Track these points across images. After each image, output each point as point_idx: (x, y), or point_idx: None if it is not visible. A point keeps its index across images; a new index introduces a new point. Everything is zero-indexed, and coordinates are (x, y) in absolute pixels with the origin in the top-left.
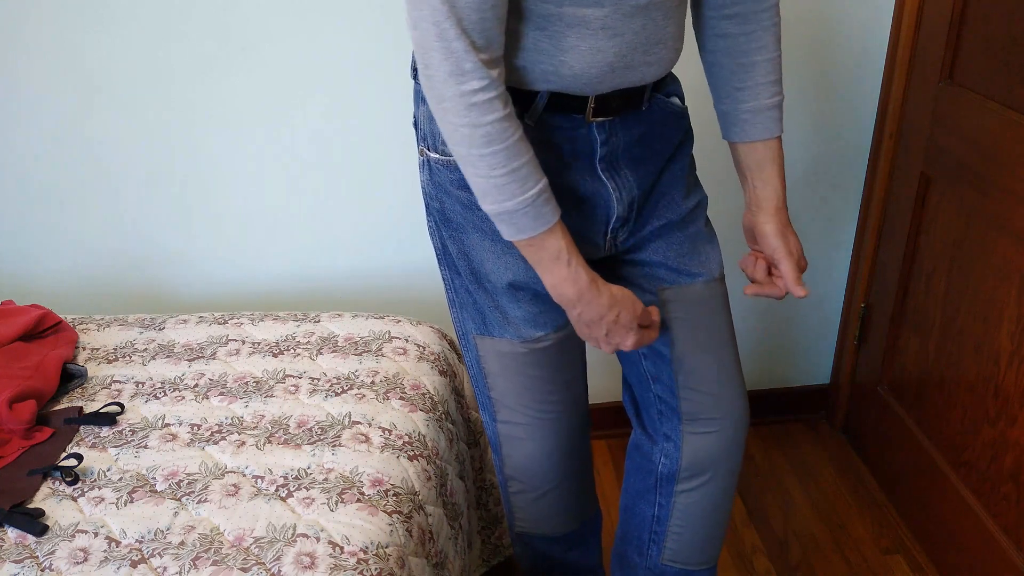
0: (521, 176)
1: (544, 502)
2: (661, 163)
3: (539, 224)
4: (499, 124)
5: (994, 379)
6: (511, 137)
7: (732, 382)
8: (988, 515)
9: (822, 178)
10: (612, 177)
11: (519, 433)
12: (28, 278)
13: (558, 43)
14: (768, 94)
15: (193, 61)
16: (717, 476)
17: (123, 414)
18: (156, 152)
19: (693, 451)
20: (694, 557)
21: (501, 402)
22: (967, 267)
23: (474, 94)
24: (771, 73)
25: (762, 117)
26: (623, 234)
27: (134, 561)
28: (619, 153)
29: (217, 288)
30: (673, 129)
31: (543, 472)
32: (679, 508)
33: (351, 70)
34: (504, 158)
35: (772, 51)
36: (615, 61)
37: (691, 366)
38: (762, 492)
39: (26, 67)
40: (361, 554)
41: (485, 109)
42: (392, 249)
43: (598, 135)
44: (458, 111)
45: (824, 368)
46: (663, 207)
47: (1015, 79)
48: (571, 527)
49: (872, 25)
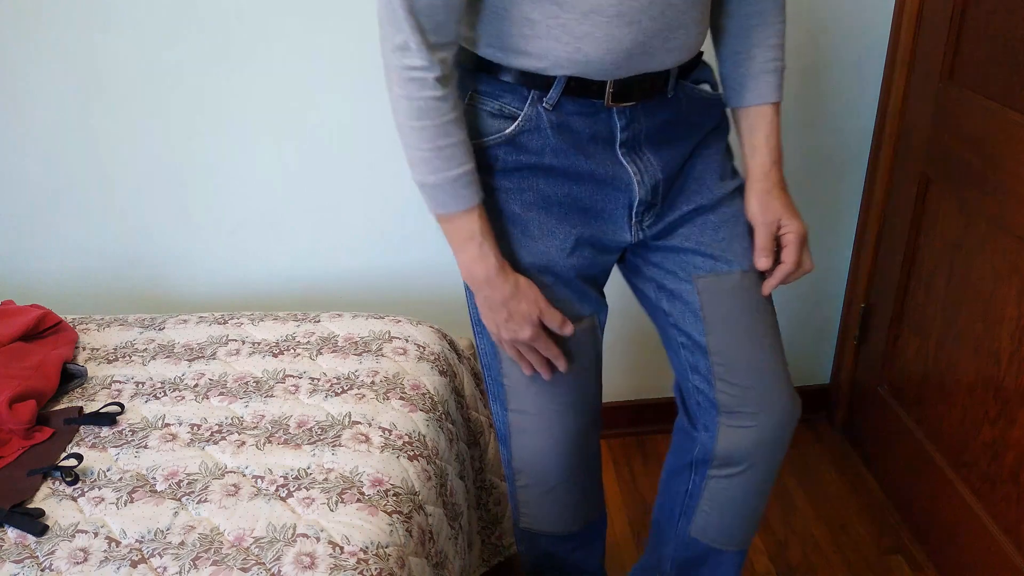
0: (446, 155)
1: (550, 498)
2: (688, 148)
3: (456, 204)
4: (432, 102)
5: (994, 379)
6: (442, 117)
7: (773, 376)
8: (988, 515)
9: (822, 178)
10: (634, 161)
11: (529, 424)
12: (28, 278)
13: (574, 30)
14: (764, 58)
15: (194, 61)
16: (751, 470)
17: (123, 414)
18: (156, 152)
19: (728, 444)
20: (721, 537)
21: (513, 390)
22: (967, 267)
23: (413, 70)
24: (770, 38)
25: (757, 82)
26: (649, 219)
27: (134, 561)
28: (641, 138)
29: (217, 288)
30: (702, 116)
31: (550, 466)
32: (709, 490)
33: (351, 70)
34: (432, 135)
35: (772, 16)
36: (632, 48)
37: (728, 358)
38: None
39: (27, 67)
40: (361, 554)
41: (421, 85)
42: (392, 249)
43: (618, 120)
44: (399, 82)
45: (824, 368)
46: (693, 191)
47: (1015, 79)
48: (576, 527)
49: (872, 25)
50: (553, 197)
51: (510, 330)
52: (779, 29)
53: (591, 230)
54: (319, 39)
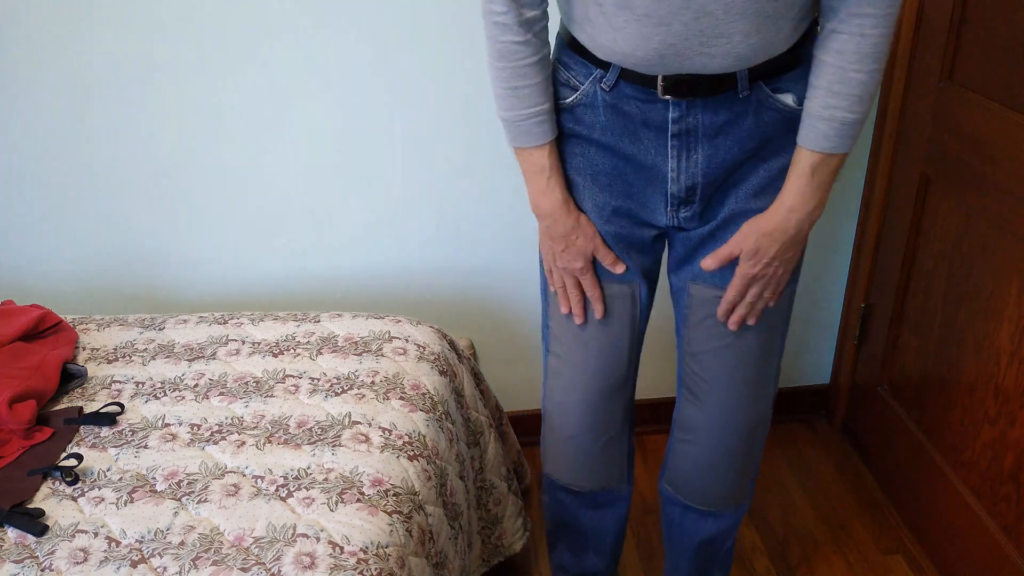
0: (522, 95)
1: (568, 447)
2: (743, 156)
3: (528, 140)
4: (512, 46)
5: (994, 379)
6: (520, 61)
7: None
8: (988, 515)
9: None
10: (680, 156)
11: (562, 368)
12: (28, 278)
13: (611, 21)
14: (823, 104)
15: (194, 61)
16: (700, 441)
17: (123, 414)
18: (157, 152)
19: (683, 413)
20: (683, 491)
21: (554, 332)
22: (967, 267)
23: (495, 15)
24: (837, 84)
25: (807, 123)
26: (685, 212)
27: (134, 561)
28: (698, 133)
29: (217, 288)
30: (774, 126)
31: (570, 415)
32: (674, 451)
33: (351, 70)
34: (509, 75)
35: (848, 60)
36: (662, 48)
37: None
38: (762, 492)
39: (27, 67)
40: (361, 554)
41: (503, 30)
42: (392, 249)
43: (672, 112)
44: (486, 24)
45: (824, 368)
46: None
47: (1015, 79)
48: (590, 486)
49: None
50: (600, 167)
51: (565, 260)
52: (857, 79)
53: (630, 204)
54: (319, 38)
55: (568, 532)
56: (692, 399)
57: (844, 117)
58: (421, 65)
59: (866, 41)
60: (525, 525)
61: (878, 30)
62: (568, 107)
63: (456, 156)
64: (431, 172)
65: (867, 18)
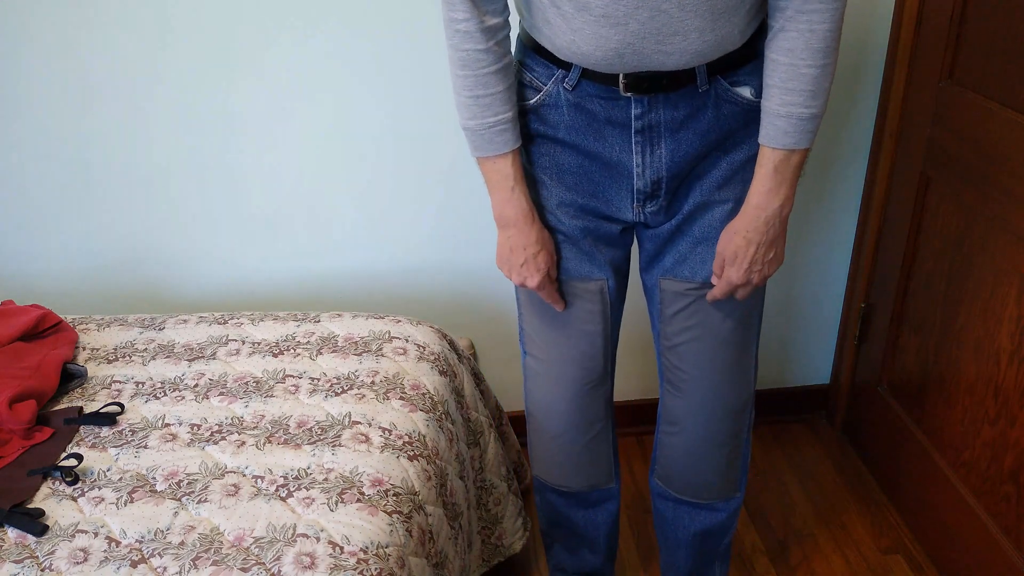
0: (484, 104)
1: (554, 447)
2: (705, 149)
3: (491, 149)
4: (473, 54)
5: (994, 379)
6: (482, 68)
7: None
8: (988, 515)
9: (822, 178)
10: (643, 151)
11: (539, 369)
12: (28, 278)
13: (570, 23)
14: (780, 101)
15: (194, 61)
16: (685, 431)
17: (123, 414)
18: (157, 152)
19: (666, 406)
20: (673, 484)
21: (529, 334)
22: (967, 267)
23: (456, 22)
24: (791, 80)
25: (767, 121)
26: (651, 207)
27: (134, 561)
28: (660, 128)
29: (217, 288)
30: (734, 119)
31: (552, 415)
32: (661, 443)
33: (351, 71)
34: (472, 84)
35: (800, 57)
36: (621, 48)
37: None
38: (762, 492)
39: (27, 67)
40: (361, 554)
41: (464, 38)
42: (392, 249)
43: (634, 109)
44: (446, 32)
45: (824, 368)
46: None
47: (1015, 79)
48: (579, 485)
49: (872, 25)
50: (566, 165)
51: (521, 274)
52: (810, 74)
53: (597, 202)
54: (319, 39)
55: (562, 532)
56: (674, 391)
57: (801, 112)
58: (420, 65)
59: (815, 37)
60: (525, 525)
61: (826, 24)
62: (533, 108)
63: (456, 156)
64: (431, 172)
65: (815, 14)
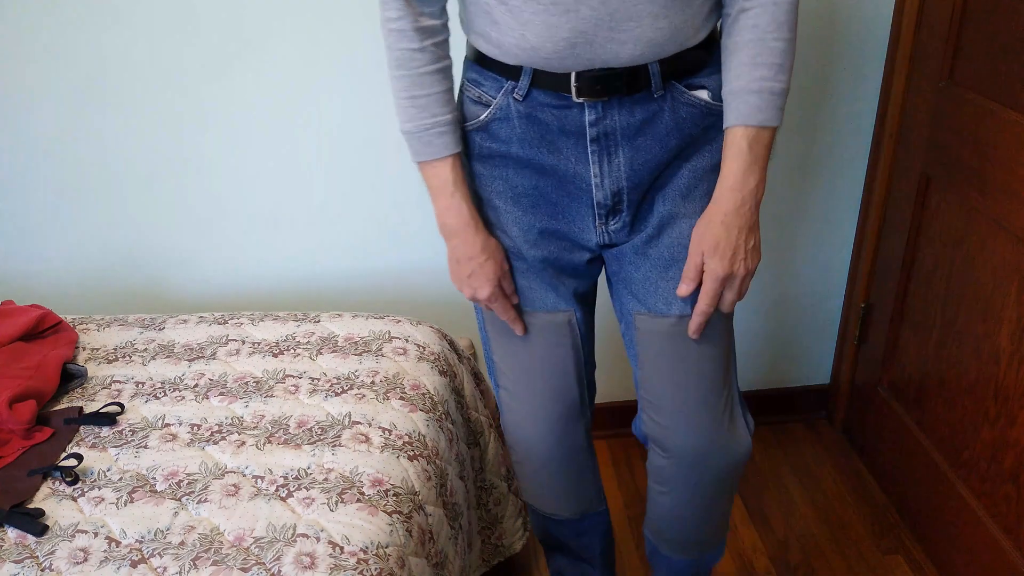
0: (420, 105)
1: (540, 478)
2: (667, 157)
3: (430, 152)
4: (408, 53)
5: (994, 379)
6: (418, 69)
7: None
8: (988, 515)
9: (822, 178)
10: (600, 161)
11: (513, 402)
12: (28, 278)
13: (518, 16)
14: (750, 77)
15: (195, 61)
16: (674, 492)
17: (123, 414)
18: (157, 152)
19: (653, 465)
20: (661, 543)
21: (499, 367)
22: (967, 267)
23: (390, 21)
24: (760, 55)
25: (737, 100)
26: (615, 223)
27: (134, 561)
28: (617, 136)
29: (217, 288)
30: (693, 124)
31: (533, 447)
32: (651, 500)
33: (352, 70)
34: (408, 84)
35: (767, 31)
36: (573, 37)
37: (654, 395)
38: (762, 492)
39: (28, 67)
40: (361, 554)
41: (398, 36)
42: (392, 249)
43: (588, 115)
44: (382, 32)
45: (824, 368)
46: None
47: (1015, 79)
48: (568, 514)
49: (872, 25)
50: (521, 188)
51: (471, 287)
52: (778, 47)
53: (557, 224)
54: (319, 39)
55: (558, 548)
56: (655, 446)
57: (772, 87)
58: None
59: (780, 10)
60: (525, 525)
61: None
62: (482, 125)
63: None
64: None
65: None
